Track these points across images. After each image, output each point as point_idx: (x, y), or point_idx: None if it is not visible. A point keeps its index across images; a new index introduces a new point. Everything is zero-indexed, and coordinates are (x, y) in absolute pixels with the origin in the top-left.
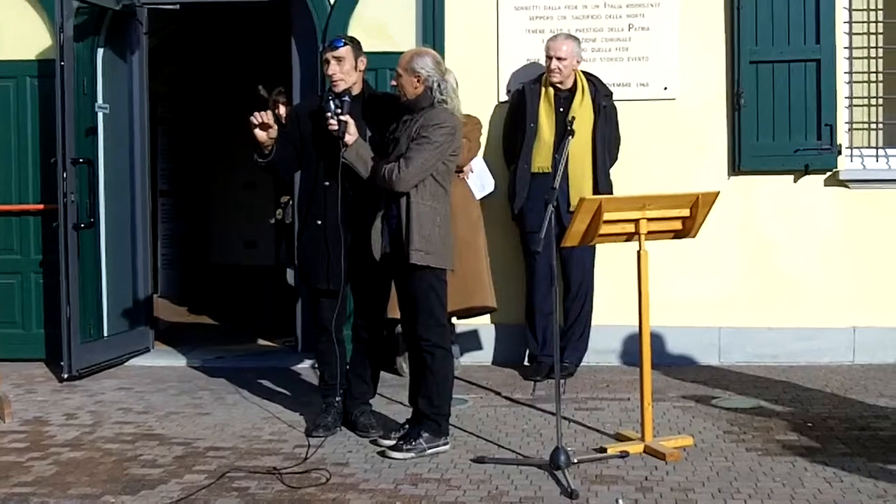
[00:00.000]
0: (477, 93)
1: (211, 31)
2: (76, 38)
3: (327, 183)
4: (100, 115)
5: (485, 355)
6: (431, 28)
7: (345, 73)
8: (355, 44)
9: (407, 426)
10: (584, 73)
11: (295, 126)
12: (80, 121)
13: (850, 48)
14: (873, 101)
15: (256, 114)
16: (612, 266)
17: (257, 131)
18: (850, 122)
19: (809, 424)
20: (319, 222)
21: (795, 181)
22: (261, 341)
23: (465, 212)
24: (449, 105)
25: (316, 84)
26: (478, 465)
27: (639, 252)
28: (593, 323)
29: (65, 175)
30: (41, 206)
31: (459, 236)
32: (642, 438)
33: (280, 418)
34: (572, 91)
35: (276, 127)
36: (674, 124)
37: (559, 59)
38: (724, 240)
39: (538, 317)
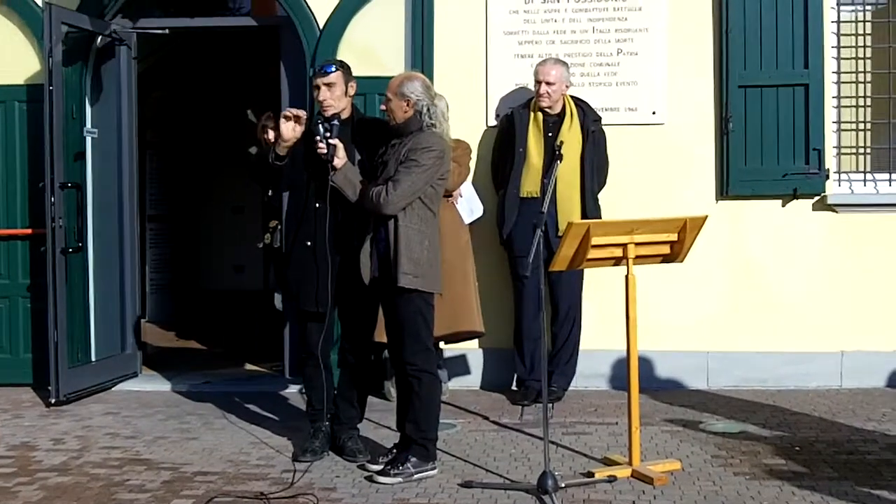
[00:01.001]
0: (466, 117)
1: (200, 55)
2: (65, 63)
3: (318, 205)
4: (88, 140)
5: (473, 380)
6: (420, 52)
7: (335, 99)
8: (345, 69)
9: (394, 451)
10: (572, 97)
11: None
12: (69, 145)
13: (839, 73)
14: (861, 126)
15: (290, 109)
16: (600, 290)
17: (285, 127)
18: (839, 147)
19: (797, 448)
20: (309, 244)
21: (784, 205)
22: (249, 366)
23: (454, 236)
24: (438, 129)
25: (305, 108)
26: (465, 490)
27: (627, 276)
28: (581, 347)
29: (53, 199)
30: (29, 231)
31: (448, 261)
32: (630, 463)
33: (267, 443)
34: (561, 116)
35: (304, 128)
36: (662, 149)
37: (548, 83)
38: (712, 264)
39: (526, 341)
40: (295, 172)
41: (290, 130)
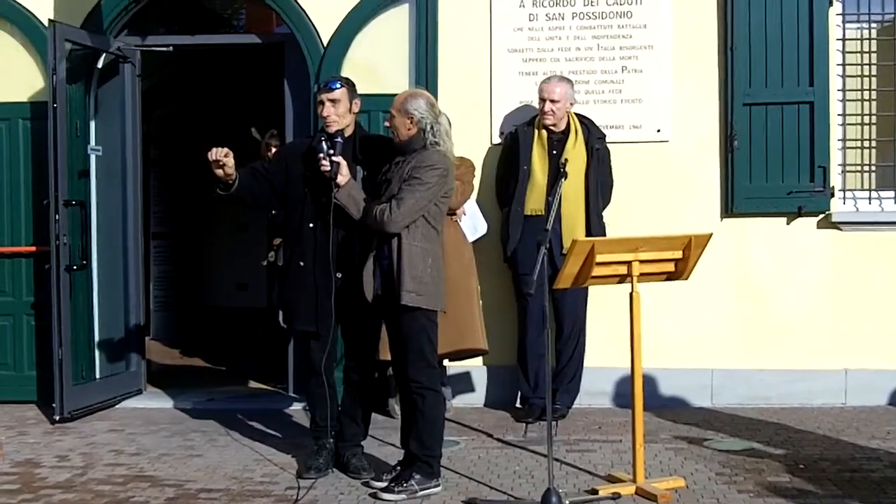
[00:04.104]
0: (470, 135)
1: (204, 73)
2: (69, 81)
3: (311, 224)
4: (92, 158)
5: (477, 397)
6: (424, 70)
7: (339, 115)
8: (350, 86)
9: (399, 468)
10: (577, 115)
11: (282, 166)
12: (73, 163)
13: (844, 90)
14: (866, 144)
15: (213, 150)
16: (604, 308)
17: (216, 171)
18: (844, 165)
19: (801, 466)
20: (302, 263)
21: (788, 223)
22: (252, 383)
23: (458, 254)
24: (442, 147)
25: (309, 125)
26: None
27: (631, 294)
28: (585, 365)
29: (57, 217)
30: (33, 248)
31: (452, 279)
32: (634, 480)
33: (271, 460)
34: (565, 133)
35: (231, 163)
36: (667, 166)
37: (552, 101)
38: (716, 282)
39: (530, 359)
40: (291, 191)
41: (221, 172)
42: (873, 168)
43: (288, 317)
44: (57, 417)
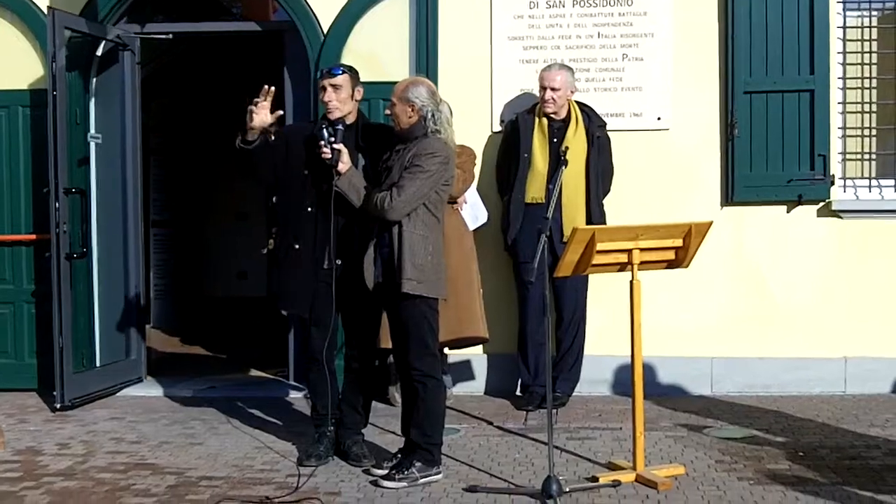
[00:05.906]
0: (470, 123)
1: (203, 61)
2: (68, 68)
3: (310, 209)
4: (92, 145)
5: (477, 385)
6: (425, 58)
7: (341, 102)
8: (353, 73)
9: (399, 455)
10: (577, 103)
11: (283, 143)
12: (73, 151)
13: (844, 78)
14: (867, 132)
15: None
16: (604, 296)
17: (256, 115)
18: (844, 153)
19: (801, 454)
20: (297, 246)
21: (788, 211)
22: (253, 371)
23: (459, 242)
24: (443, 135)
25: (309, 114)
26: (470, 495)
27: (631, 282)
28: (585, 353)
29: (57, 205)
30: (33, 236)
31: (452, 267)
32: (634, 467)
33: (272, 448)
34: (566, 121)
35: (271, 120)
36: (667, 154)
37: (553, 89)
38: (716, 270)
39: (530, 347)
40: (289, 172)
41: (259, 118)
42: (873, 156)
43: (282, 300)
44: (58, 405)
